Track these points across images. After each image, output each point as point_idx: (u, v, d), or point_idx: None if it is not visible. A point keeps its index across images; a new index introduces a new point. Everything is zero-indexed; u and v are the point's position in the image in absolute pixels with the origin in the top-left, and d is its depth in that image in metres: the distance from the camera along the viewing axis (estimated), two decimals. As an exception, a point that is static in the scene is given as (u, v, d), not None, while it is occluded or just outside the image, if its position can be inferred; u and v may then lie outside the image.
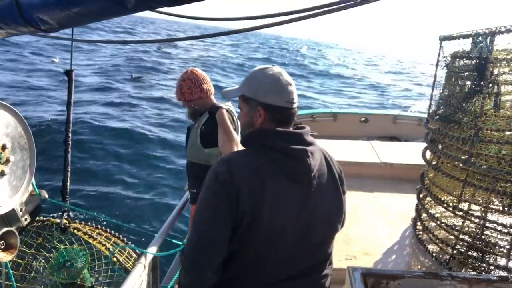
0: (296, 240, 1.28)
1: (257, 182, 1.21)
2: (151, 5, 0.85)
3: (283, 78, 1.31)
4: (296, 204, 1.26)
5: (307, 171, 1.26)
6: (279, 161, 1.24)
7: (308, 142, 1.29)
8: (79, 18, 0.96)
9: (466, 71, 2.60)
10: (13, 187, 1.69)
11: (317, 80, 30.42)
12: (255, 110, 1.31)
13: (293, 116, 1.34)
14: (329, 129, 6.14)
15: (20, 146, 1.72)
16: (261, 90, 1.30)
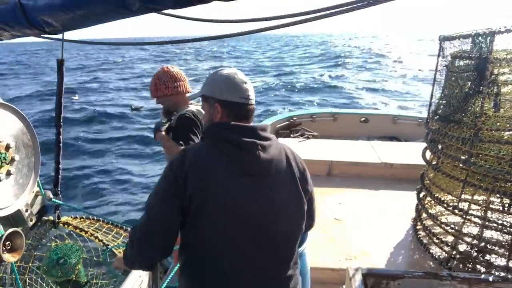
0: (251, 233, 1.31)
1: (206, 170, 1.28)
2: (155, 7, 0.85)
3: (237, 77, 1.41)
4: (247, 196, 1.30)
5: (257, 164, 1.31)
6: (231, 152, 1.31)
7: (261, 137, 1.34)
8: (83, 20, 0.96)
9: (466, 71, 2.60)
10: (20, 186, 1.70)
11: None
12: (214, 107, 1.41)
13: (250, 111, 1.42)
14: (329, 129, 6.14)
15: (24, 143, 1.73)
16: (217, 88, 1.40)
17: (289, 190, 1.39)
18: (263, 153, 1.31)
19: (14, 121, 1.68)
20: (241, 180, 1.30)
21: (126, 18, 0.94)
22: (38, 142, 1.81)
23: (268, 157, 1.32)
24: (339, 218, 3.51)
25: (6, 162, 1.60)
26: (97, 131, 13.32)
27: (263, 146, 1.32)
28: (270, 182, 1.34)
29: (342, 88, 21.58)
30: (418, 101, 17.47)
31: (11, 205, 1.65)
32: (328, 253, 2.96)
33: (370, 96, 19.45)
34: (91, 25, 1.02)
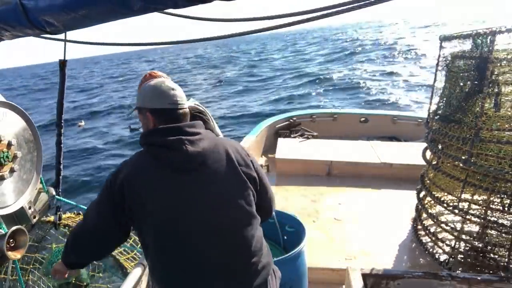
0: (198, 226, 1.35)
1: (141, 178, 1.35)
2: (156, 7, 0.84)
3: (165, 85, 1.47)
4: (186, 193, 1.35)
5: (187, 158, 1.35)
6: (160, 154, 1.37)
7: (189, 132, 1.39)
8: (84, 20, 0.95)
9: (466, 71, 2.60)
10: (24, 182, 1.71)
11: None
12: (146, 116, 1.47)
13: (181, 115, 1.46)
14: (328, 129, 6.14)
15: (25, 139, 1.73)
16: (147, 98, 1.47)
17: (230, 178, 1.43)
18: (191, 147, 1.36)
19: (14, 117, 1.68)
20: (177, 179, 1.35)
21: (128, 17, 0.93)
22: (40, 138, 1.82)
23: (197, 150, 1.37)
24: (339, 218, 3.51)
25: (9, 160, 1.61)
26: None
27: (191, 140, 1.37)
28: (206, 174, 1.39)
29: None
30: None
31: (16, 202, 1.67)
32: (328, 253, 2.96)
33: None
34: (93, 24, 1.02)
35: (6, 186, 1.63)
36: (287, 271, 2.07)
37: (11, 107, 1.66)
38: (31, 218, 1.83)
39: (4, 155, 1.58)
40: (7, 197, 1.63)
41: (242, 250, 1.42)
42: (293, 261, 2.09)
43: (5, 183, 1.62)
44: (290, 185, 4.26)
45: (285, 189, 4.17)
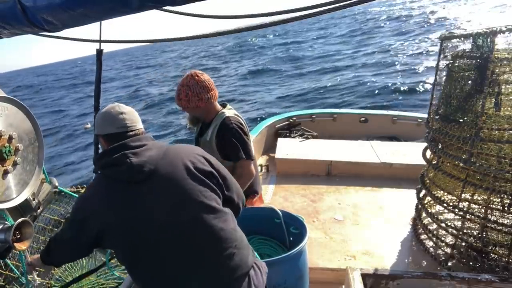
0: (163, 231, 1.40)
1: (101, 199, 1.43)
2: (155, 4, 0.84)
3: (114, 110, 1.54)
4: (143, 202, 1.41)
5: (133, 169, 1.40)
6: (111, 173, 1.43)
7: (132, 146, 1.45)
8: (83, 18, 0.95)
9: (467, 71, 2.60)
10: (28, 173, 1.75)
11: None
12: (101, 143, 1.58)
13: (132, 137, 1.51)
14: (328, 129, 6.13)
15: (25, 131, 1.74)
16: (98, 126, 1.57)
17: (184, 179, 1.46)
18: (135, 158, 1.42)
19: (13, 110, 1.69)
20: (131, 191, 1.41)
21: (126, 15, 0.93)
22: (41, 129, 1.83)
23: (143, 159, 1.43)
24: (339, 218, 3.50)
25: (11, 154, 1.63)
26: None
27: (134, 152, 1.43)
28: (159, 180, 1.43)
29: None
30: None
31: (20, 194, 1.70)
32: (328, 253, 2.95)
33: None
34: (91, 22, 1.02)
35: (11, 180, 1.65)
36: (288, 270, 2.07)
37: (8, 100, 1.66)
38: (35, 209, 1.86)
39: (6, 150, 1.60)
40: (12, 190, 1.66)
41: (211, 244, 1.45)
42: (294, 260, 2.08)
43: (10, 177, 1.64)
44: (290, 185, 4.26)
45: (285, 189, 4.16)
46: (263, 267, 1.63)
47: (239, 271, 1.47)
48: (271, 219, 2.42)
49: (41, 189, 1.95)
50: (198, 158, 1.55)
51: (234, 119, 2.48)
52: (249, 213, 2.50)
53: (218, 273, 1.45)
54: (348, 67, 21.06)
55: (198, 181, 1.48)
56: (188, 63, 41.49)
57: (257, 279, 1.52)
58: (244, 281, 1.47)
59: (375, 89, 15.30)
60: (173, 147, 1.59)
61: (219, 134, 2.46)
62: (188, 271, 1.41)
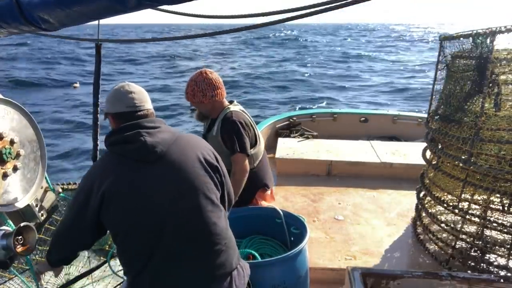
0: (163, 214, 1.42)
1: (105, 176, 1.41)
2: (152, 3, 0.84)
3: (124, 89, 1.55)
4: (150, 182, 1.42)
5: (146, 148, 1.41)
6: (121, 150, 1.44)
7: (146, 126, 1.46)
8: (79, 16, 0.95)
9: (466, 71, 2.60)
10: (28, 180, 1.71)
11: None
12: (110, 120, 1.58)
13: (141, 117, 1.52)
14: (328, 129, 6.13)
15: (28, 138, 1.73)
16: (108, 103, 1.57)
17: (192, 167, 1.49)
18: (149, 138, 1.43)
19: (16, 116, 1.68)
20: (140, 170, 1.42)
21: (123, 14, 0.93)
22: (43, 136, 1.82)
23: (156, 140, 1.44)
24: (339, 218, 3.51)
25: (12, 157, 1.61)
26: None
27: (149, 132, 1.45)
28: (169, 164, 1.45)
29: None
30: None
31: (20, 200, 1.67)
32: (328, 253, 2.95)
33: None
34: (88, 21, 1.02)
35: (10, 184, 1.63)
36: (288, 269, 2.07)
37: (12, 105, 1.66)
38: (38, 216, 1.85)
39: (7, 151, 1.58)
40: (11, 195, 1.63)
41: (203, 236, 1.47)
42: (294, 260, 2.08)
43: (9, 180, 1.62)
44: (290, 185, 4.26)
45: (285, 189, 4.16)
46: (246, 269, 1.66)
47: (223, 269, 1.50)
48: (272, 219, 2.43)
49: (45, 197, 1.93)
50: (207, 151, 1.58)
51: (236, 113, 2.58)
52: (250, 213, 2.51)
53: (204, 267, 1.47)
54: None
55: (205, 173, 1.51)
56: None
57: (239, 280, 1.55)
58: (226, 280, 1.50)
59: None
60: (185, 134, 1.61)
61: (222, 128, 2.56)
62: (176, 258, 1.43)
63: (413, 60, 31.05)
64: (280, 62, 28.90)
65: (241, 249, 2.29)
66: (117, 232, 1.46)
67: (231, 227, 1.66)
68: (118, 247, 1.50)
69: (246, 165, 2.54)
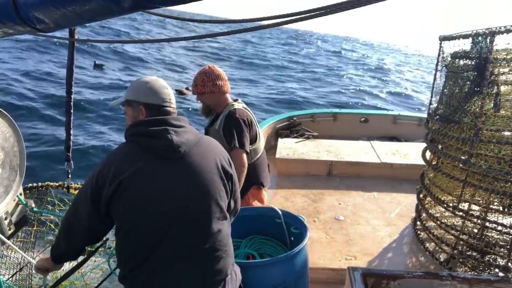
0: (174, 212, 1.42)
1: (125, 165, 1.40)
2: (146, 5, 0.84)
3: (159, 83, 1.56)
4: (167, 179, 1.42)
5: (171, 146, 1.42)
6: (145, 143, 1.43)
7: (173, 124, 1.47)
8: (75, 18, 0.95)
9: (466, 71, 2.60)
10: (1, 193, 1.67)
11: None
12: (138, 110, 1.54)
13: (170, 113, 1.54)
14: (329, 129, 6.13)
15: (7, 152, 1.69)
16: (142, 92, 1.54)
17: (209, 172, 1.49)
18: (176, 136, 1.43)
19: (3, 127, 1.65)
20: (160, 165, 1.42)
21: (119, 15, 0.94)
22: (25, 151, 1.79)
23: (182, 140, 1.44)
24: (339, 218, 3.51)
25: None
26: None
27: (176, 131, 1.45)
28: (189, 165, 1.46)
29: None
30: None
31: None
32: (328, 253, 2.95)
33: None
34: (84, 23, 1.02)
35: None
36: (288, 269, 2.07)
37: (3, 116, 1.63)
38: (5, 230, 1.79)
39: None
40: None
41: (206, 242, 1.47)
42: (295, 260, 2.08)
43: None
44: (290, 185, 4.26)
45: (285, 189, 4.16)
46: (238, 274, 1.67)
47: (218, 275, 1.51)
48: (272, 219, 2.43)
49: (15, 211, 1.87)
50: (224, 157, 1.59)
51: (240, 111, 2.66)
52: (250, 213, 2.51)
53: (201, 271, 1.48)
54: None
55: (220, 180, 1.52)
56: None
57: (231, 285, 1.57)
58: (219, 286, 1.52)
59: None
60: (206, 137, 1.62)
61: (225, 123, 2.64)
62: (175, 260, 1.44)
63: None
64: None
65: (241, 249, 2.30)
66: (123, 224, 1.44)
67: (231, 227, 1.66)
68: (121, 240, 1.48)
69: (245, 162, 2.58)
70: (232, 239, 1.66)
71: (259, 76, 23.01)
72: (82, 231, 1.50)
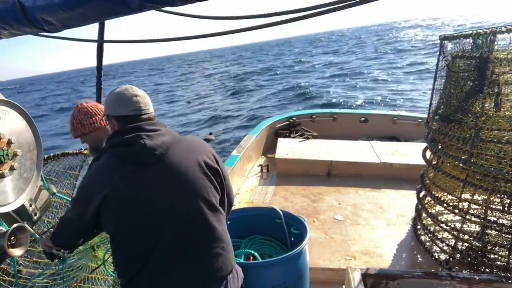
0: (161, 215, 1.42)
1: (107, 177, 1.43)
2: (155, 5, 0.84)
3: (128, 92, 1.54)
4: (148, 184, 1.42)
5: (146, 151, 1.42)
6: (121, 152, 1.45)
7: (147, 129, 1.47)
8: (82, 18, 0.95)
9: (466, 71, 2.60)
10: (24, 180, 1.71)
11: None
12: (112, 123, 1.56)
13: (145, 120, 1.53)
14: (328, 129, 6.13)
15: (25, 138, 1.73)
16: (111, 106, 1.55)
17: (192, 170, 1.48)
18: (149, 140, 1.43)
19: (15, 116, 1.68)
20: (139, 171, 1.42)
21: (126, 16, 0.93)
22: (40, 137, 1.82)
23: (156, 143, 1.44)
24: (339, 218, 3.51)
25: (9, 158, 1.60)
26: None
27: (149, 135, 1.45)
28: (168, 166, 1.45)
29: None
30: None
31: (16, 200, 1.66)
32: (328, 253, 2.95)
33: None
34: (91, 23, 1.02)
35: (6, 184, 1.62)
36: (288, 269, 2.07)
37: (12, 105, 1.66)
38: (32, 215, 1.84)
39: (4, 153, 1.58)
40: (8, 195, 1.63)
41: (201, 239, 1.47)
42: (295, 260, 2.08)
43: (5, 181, 1.62)
44: (290, 185, 4.26)
45: (285, 189, 4.16)
46: (240, 272, 1.67)
47: (219, 272, 1.50)
48: (272, 219, 2.43)
49: (39, 196, 1.92)
50: (208, 154, 1.58)
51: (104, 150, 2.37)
52: (250, 213, 2.51)
53: (201, 270, 1.47)
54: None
55: (205, 176, 1.51)
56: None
57: (233, 284, 1.56)
58: (222, 284, 1.51)
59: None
60: (186, 137, 1.60)
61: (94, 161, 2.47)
62: (173, 261, 1.44)
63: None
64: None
65: (241, 249, 2.29)
66: (115, 234, 1.46)
67: (231, 227, 1.66)
68: (116, 249, 1.50)
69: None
70: (232, 239, 1.65)
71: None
72: (70, 236, 1.61)
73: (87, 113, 2.40)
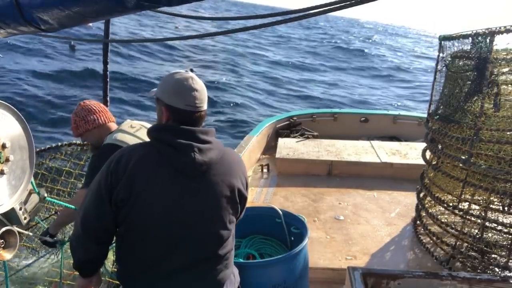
0: (180, 229, 1.40)
1: (139, 167, 1.35)
2: (151, 5, 0.84)
3: (188, 83, 1.41)
4: (178, 196, 1.38)
5: (192, 165, 1.36)
6: (166, 152, 1.36)
7: (200, 139, 1.39)
8: (79, 17, 0.95)
9: (466, 71, 2.60)
10: (13, 186, 1.69)
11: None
12: (161, 110, 1.45)
13: (198, 118, 1.44)
14: (329, 128, 6.13)
15: (19, 145, 1.72)
16: (165, 92, 1.43)
17: (224, 194, 1.45)
18: (199, 155, 1.36)
19: (11, 121, 1.67)
20: (175, 179, 1.37)
21: (122, 15, 0.94)
22: (34, 144, 1.81)
23: (204, 160, 1.38)
24: (339, 218, 3.51)
25: (1, 162, 1.58)
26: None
27: (200, 149, 1.37)
28: (204, 184, 1.41)
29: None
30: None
31: (3, 204, 1.63)
32: (329, 253, 2.95)
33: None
34: (88, 22, 1.02)
35: None
36: (288, 269, 2.07)
37: (9, 109, 1.65)
38: (21, 219, 1.81)
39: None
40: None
41: (210, 257, 1.48)
42: (295, 259, 2.09)
43: None
44: (291, 185, 4.26)
45: (285, 189, 4.16)
46: (237, 275, 1.67)
47: (218, 285, 1.51)
48: (272, 218, 2.43)
49: (29, 200, 1.89)
50: (242, 179, 1.53)
51: (106, 146, 2.31)
52: (250, 213, 2.51)
53: (202, 282, 1.48)
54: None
55: (233, 204, 1.49)
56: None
57: (230, 287, 1.57)
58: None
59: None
60: (229, 154, 1.53)
61: (93, 157, 2.45)
62: (177, 273, 1.43)
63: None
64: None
65: (241, 249, 2.30)
66: (128, 231, 1.42)
67: None
68: (124, 248, 1.47)
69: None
70: None
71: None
72: (95, 229, 1.43)
73: (90, 110, 2.44)
